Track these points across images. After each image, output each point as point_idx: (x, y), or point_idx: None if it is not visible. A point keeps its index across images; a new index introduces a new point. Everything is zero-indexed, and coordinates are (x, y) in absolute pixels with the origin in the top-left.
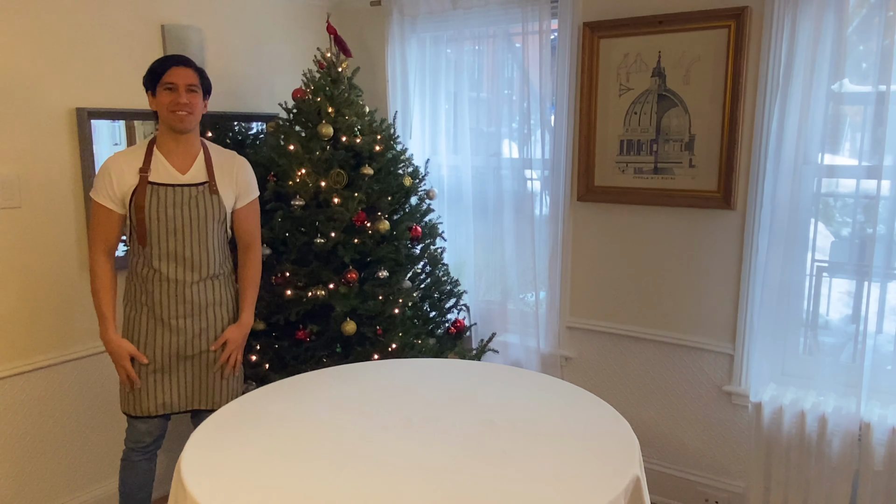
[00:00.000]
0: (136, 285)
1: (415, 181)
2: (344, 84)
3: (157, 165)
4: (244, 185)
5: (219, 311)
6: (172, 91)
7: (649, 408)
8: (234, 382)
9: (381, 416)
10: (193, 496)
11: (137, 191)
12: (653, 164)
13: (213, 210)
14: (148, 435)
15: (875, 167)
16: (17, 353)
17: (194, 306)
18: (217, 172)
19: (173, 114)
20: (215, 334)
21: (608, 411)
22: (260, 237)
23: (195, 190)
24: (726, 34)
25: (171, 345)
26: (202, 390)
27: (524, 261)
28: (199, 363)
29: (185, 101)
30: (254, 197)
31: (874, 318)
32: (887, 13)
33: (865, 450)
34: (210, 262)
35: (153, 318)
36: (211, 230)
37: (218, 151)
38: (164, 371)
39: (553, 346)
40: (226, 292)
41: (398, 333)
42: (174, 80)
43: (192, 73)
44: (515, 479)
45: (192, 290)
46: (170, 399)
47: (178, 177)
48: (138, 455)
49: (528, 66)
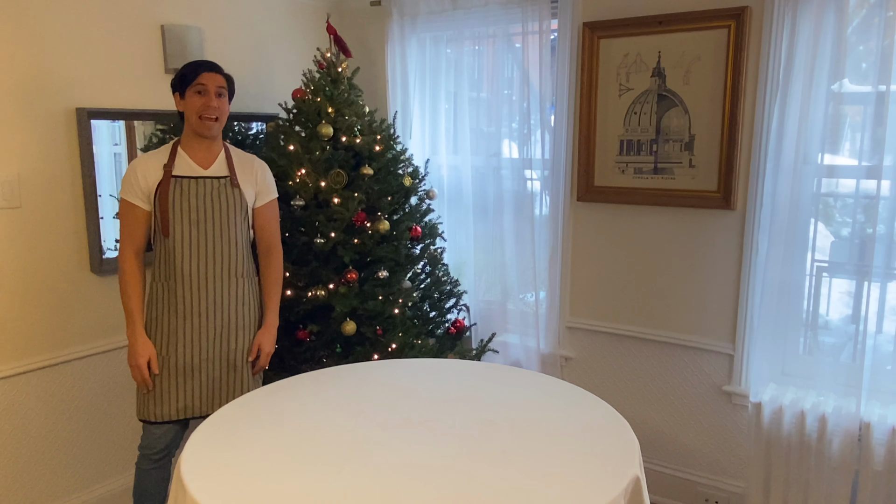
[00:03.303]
0: (160, 283)
1: (415, 181)
2: (344, 84)
3: (180, 162)
4: (264, 183)
5: (242, 310)
6: (203, 94)
7: (649, 408)
8: (253, 385)
9: (381, 416)
10: (193, 496)
11: (161, 184)
12: (653, 164)
13: (235, 202)
14: (161, 440)
15: (875, 167)
16: (16, 354)
17: (217, 303)
18: (238, 169)
19: (201, 121)
20: (237, 334)
21: (608, 411)
22: (280, 240)
23: (217, 182)
24: (726, 34)
25: (192, 343)
26: (222, 392)
27: (524, 261)
28: (221, 363)
29: (216, 104)
30: (273, 197)
31: (874, 318)
32: (887, 13)
33: (865, 450)
34: (233, 257)
35: (176, 316)
36: (233, 223)
37: (238, 153)
38: (185, 374)
39: (553, 346)
40: (249, 291)
41: (398, 333)
42: (206, 82)
43: (221, 78)
44: (515, 479)
45: (216, 285)
46: (190, 402)
47: (199, 170)
48: (149, 463)
49: (527, 66)
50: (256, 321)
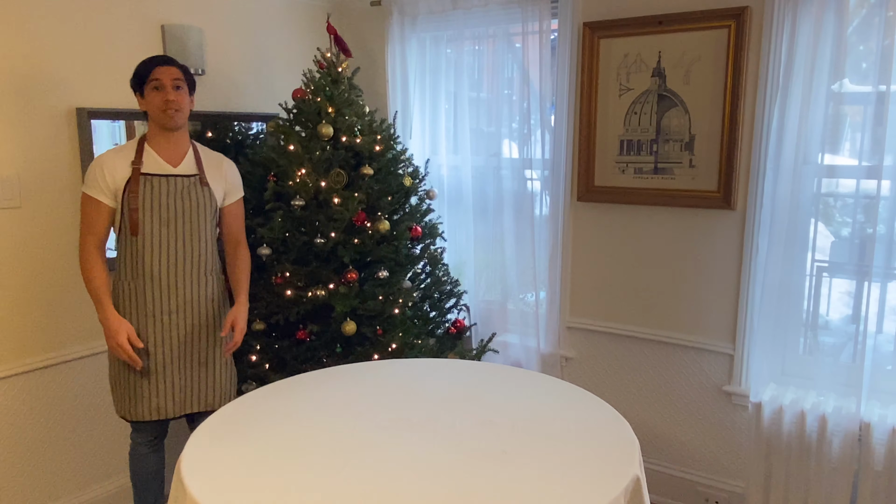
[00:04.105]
0: (127, 283)
1: (415, 181)
2: (344, 84)
3: (148, 159)
4: (232, 182)
5: (211, 308)
6: (159, 90)
7: (649, 408)
8: (227, 383)
9: (381, 416)
10: (193, 496)
11: (130, 182)
12: (653, 164)
13: (205, 201)
14: (150, 431)
15: (875, 167)
16: (16, 354)
17: (186, 302)
18: (206, 168)
19: (164, 112)
20: (209, 332)
21: (608, 411)
22: (246, 236)
23: (187, 181)
24: (726, 34)
25: (163, 342)
26: (196, 392)
27: (524, 261)
28: (193, 363)
29: (173, 97)
30: (241, 195)
31: (874, 318)
32: (887, 13)
33: (865, 450)
34: (202, 256)
35: (145, 316)
36: (203, 222)
37: (206, 151)
38: (156, 373)
39: (553, 346)
40: (216, 289)
41: (398, 333)
42: (160, 76)
43: (176, 70)
44: (515, 479)
45: (185, 284)
46: (164, 403)
47: (169, 168)
48: (143, 449)
49: (528, 66)
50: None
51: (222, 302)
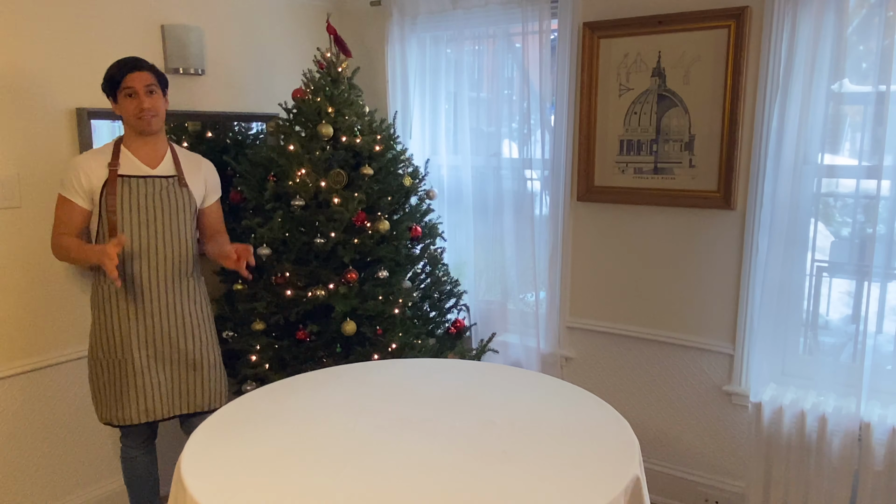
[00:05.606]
0: (107, 285)
1: (415, 181)
2: (344, 84)
3: (125, 161)
4: (212, 183)
5: (193, 308)
6: (133, 97)
7: (649, 408)
8: (217, 383)
9: (381, 416)
10: (193, 496)
11: (108, 184)
12: (653, 164)
13: (184, 202)
14: (138, 436)
15: (875, 167)
16: (16, 354)
17: (168, 303)
18: (185, 169)
19: (140, 119)
20: (193, 333)
21: (608, 411)
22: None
23: (166, 182)
24: (726, 34)
25: (147, 345)
26: (184, 393)
27: (524, 261)
28: (179, 364)
29: (148, 105)
30: (219, 196)
31: (874, 318)
32: (887, 13)
33: (865, 450)
34: (182, 257)
35: (127, 319)
36: (183, 223)
37: (184, 152)
38: (142, 376)
39: (553, 346)
40: (197, 290)
41: (398, 333)
42: (132, 84)
43: (147, 76)
44: (515, 479)
45: (166, 285)
46: (151, 405)
47: (147, 170)
48: (135, 451)
49: (527, 66)
50: (208, 318)
51: (204, 303)
